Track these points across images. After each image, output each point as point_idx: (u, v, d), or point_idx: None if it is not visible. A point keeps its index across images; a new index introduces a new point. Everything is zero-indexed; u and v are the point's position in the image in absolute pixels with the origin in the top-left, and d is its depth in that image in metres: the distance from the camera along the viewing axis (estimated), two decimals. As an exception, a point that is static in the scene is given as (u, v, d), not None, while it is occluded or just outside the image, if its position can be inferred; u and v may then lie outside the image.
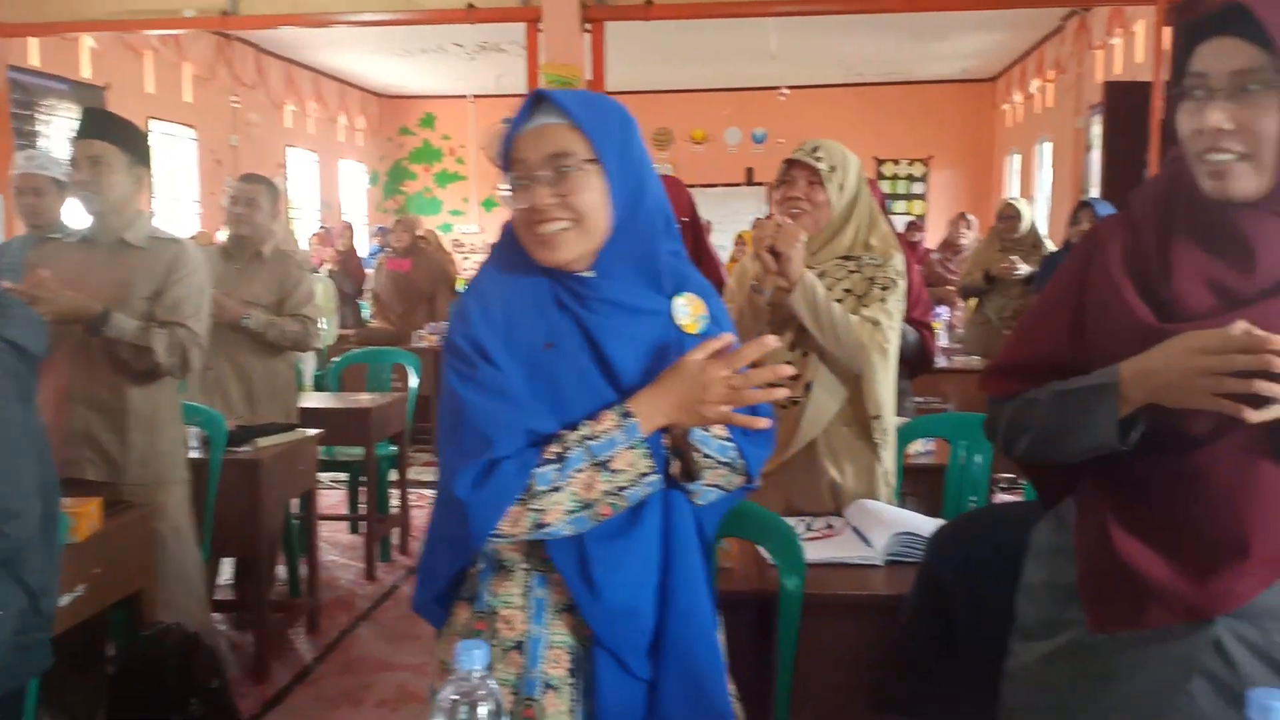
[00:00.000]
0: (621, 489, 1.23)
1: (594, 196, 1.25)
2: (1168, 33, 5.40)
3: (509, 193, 1.27)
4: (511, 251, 1.32)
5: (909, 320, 2.97)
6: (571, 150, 1.24)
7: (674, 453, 1.30)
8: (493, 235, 1.84)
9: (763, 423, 1.27)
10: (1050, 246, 4.95)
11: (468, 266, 9.44)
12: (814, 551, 1.91)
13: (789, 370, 1.24)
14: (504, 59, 8.93)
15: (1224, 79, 1.10)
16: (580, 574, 1.25)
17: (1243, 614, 1.13)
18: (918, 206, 10.91)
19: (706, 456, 1.30)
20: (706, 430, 1.29)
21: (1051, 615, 1.28)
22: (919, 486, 2.79)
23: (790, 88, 10.16)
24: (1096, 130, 6.76)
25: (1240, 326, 1.04)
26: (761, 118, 10.80)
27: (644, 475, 1.23)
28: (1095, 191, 6.54)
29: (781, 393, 1.29)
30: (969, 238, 6.53)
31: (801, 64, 9.32)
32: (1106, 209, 4.31)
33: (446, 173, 11.91)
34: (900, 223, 8.06)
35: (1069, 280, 1.28)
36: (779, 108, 10.35)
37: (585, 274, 1.29)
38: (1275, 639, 1.12)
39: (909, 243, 7.12)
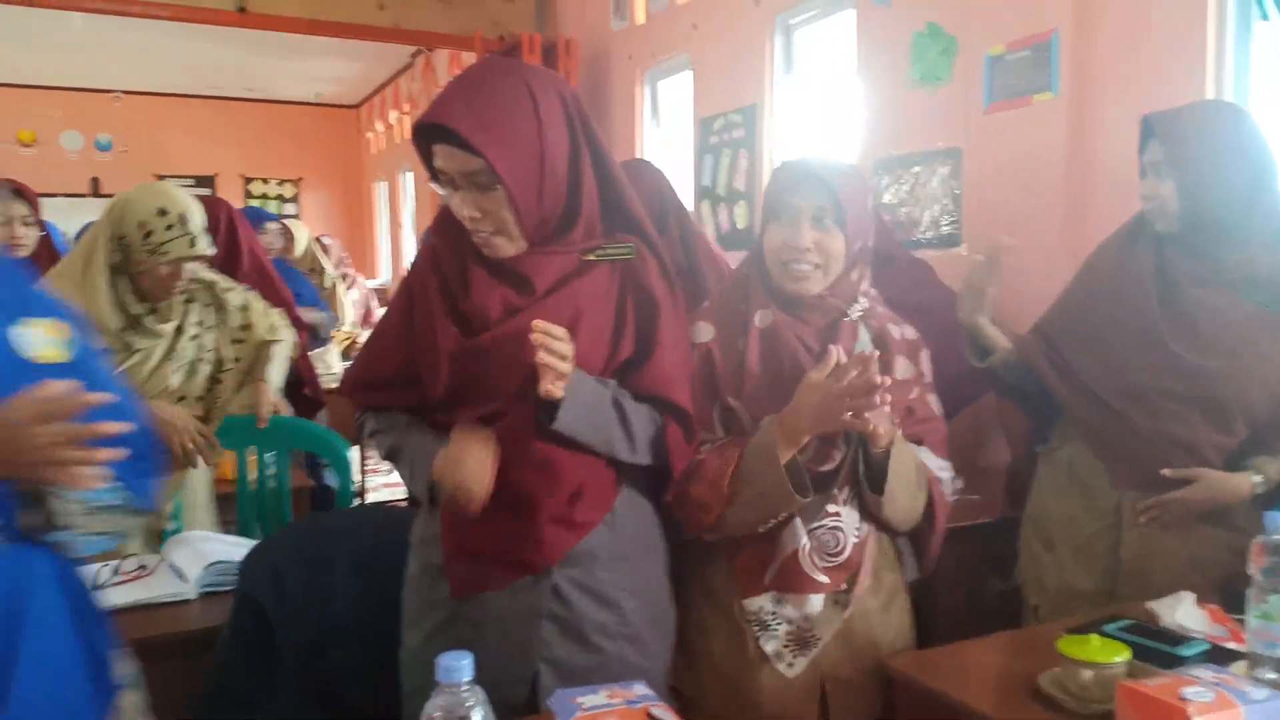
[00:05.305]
0: None
1: None
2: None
3: None
4: None
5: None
6: None
7: (24, 500, 1.11)
8: None
9: (96, 483, 1.08)
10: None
11: None
12: (122, 595, 1.75)
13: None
14: None
15: (460, 177, 1.34)
16: None
17: (569, 560, 1.38)
18: (293, 227, 10.76)
19: (78, 502, 1.14)
20: None
21: (428, 597, 1.42)
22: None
23: (130, 92, 9.26)
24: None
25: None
26: (104, 123, 9.65)
27: None
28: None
29: (112, 453, 1.08)
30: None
31: (141, 69, 8.52)
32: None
33: None
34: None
35: (398, 305, 1.46)
36: (126, 115, 9.37)
37: None
38: (595, 573, 1.39)
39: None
